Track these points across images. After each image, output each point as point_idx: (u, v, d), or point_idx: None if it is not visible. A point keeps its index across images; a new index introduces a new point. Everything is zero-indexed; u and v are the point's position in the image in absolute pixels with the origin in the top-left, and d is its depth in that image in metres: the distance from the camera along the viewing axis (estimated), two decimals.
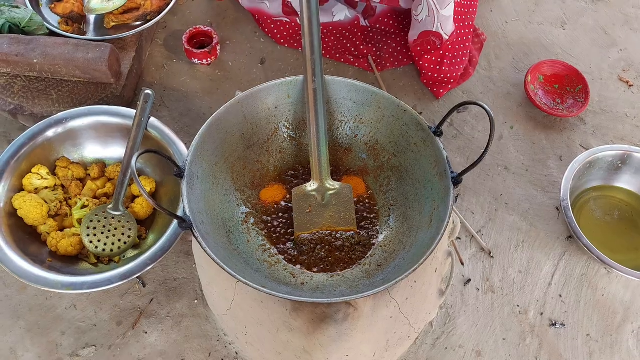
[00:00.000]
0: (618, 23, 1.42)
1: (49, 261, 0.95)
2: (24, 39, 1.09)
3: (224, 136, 0.76)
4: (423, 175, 0.75)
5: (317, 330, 0.71)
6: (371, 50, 1.28)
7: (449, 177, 0.70)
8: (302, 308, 0.73)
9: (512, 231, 1.09)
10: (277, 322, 0.77)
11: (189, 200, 0.67)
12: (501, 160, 1.18)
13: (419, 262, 0.64)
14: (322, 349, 0.72)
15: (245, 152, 0.79)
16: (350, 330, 0.71)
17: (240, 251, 0.73)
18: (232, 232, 0.74)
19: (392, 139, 0.79)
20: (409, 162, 0.77)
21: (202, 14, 1.34)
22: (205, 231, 0.67)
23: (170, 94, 1.21)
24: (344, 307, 0.71)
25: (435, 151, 0.73)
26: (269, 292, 0.62)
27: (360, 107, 0.79)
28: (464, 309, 1.01)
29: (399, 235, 0.76)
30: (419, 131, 0.75)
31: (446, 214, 0.67)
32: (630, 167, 1.10)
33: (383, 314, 0.77)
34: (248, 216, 0.78)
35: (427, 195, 0.74)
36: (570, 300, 1.03)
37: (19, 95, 1.10)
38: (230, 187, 0.77)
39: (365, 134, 0.82)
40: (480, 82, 1.29)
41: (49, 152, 1.03)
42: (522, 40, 1.36)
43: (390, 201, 0.80)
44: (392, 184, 0.80)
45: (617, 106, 1.27)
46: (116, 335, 0.95)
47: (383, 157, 0.81)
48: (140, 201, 1.01)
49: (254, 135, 0.80)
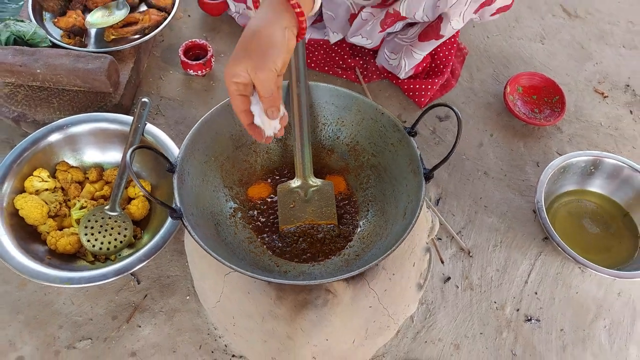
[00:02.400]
0: (594, 38, 1.49)
1: (48, 259, 0.99)
2: (27, 50, 1.15)
3: (214, 136, 0.82)
4: (399, 172, 0.81)
5: (298, 315, 0.76)
6: (358, 63, 1.35)
7: (421, 173, 0.75)
8: (286, 296, 0.78)
9: (491, 232, 1.15)
10: (262, 312, 0.81)
11: (180, 194, 0.73)
12: (481, 165, 1.24)
13: (391, 249, 0.69)
14: (303, 333, 0.77)
15: (234, 152, 0.85)
16: (330, 315, 0.76)
17: (227, 242, 0.78)
18: (220, 224, 0.80)
19: (371, 140, 0.85)
20: (387, 160, 0.83)
21: (197, 29, 1.41)
22: (194, 222, 0.73)
23: (166, 103, 1.27)
24: (323, 293, 0.76)
25: (410, 150, 0.79)
26: (252, 275, 0.67)
27: (341, 110, 0.85)
28: (443, 305, 1.06)
29: (376, 228, 0.81)
30: (395, 132, 0.81)
31: (418, 206, 0.72)
32: (602, 172, 1.16)
33: (363, 303, 0.82)
34: (236, 211, 0.83)
35: (403, 191, 0.79)
36: (545, 297, 1.08)
37: (22, 103, 1.16)
38: (220, 183, 0.83)
39: (346, 135, 0.87)
40: (462, 92, 1.35)
41: (49, 156, 1.08)
42: (503, 54, 1.43)
43: (369, 197, 0.85)
44: (372, 182, 0.86)
45: (592, 116, 1.34)
46: (111, 329, 0.99)
47: (363, 156, 0.87)
48: (136, 202, 1.06)
49: (242, 136, 0.85)
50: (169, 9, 1.31)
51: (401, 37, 1.29)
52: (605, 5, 1.58)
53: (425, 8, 1.17)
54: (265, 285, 0.80)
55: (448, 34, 1.21)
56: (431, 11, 1.19)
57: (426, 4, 1.17)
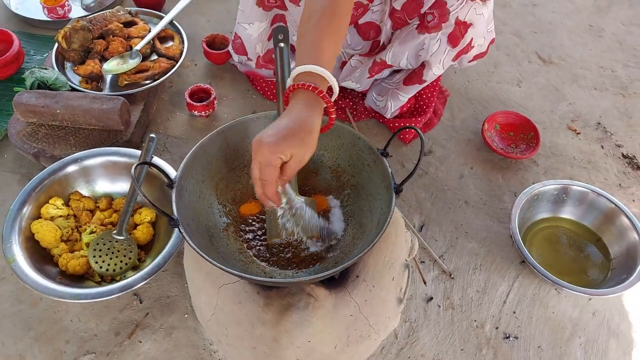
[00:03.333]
0: (567, 81, 1.62)
1: (59, 279, 1.08)
2: (50, 93, 1.29)
3: (210, 159, 0.92)
4: (374, 189, 0.90)
5: (283, 318, 0.84)
6: (348, 104, 1.47)
7: (392, 188, 0.85)
8: (272, 302, 0.86)
9: (471, 256, 1.22)
10: (252, 319, 0.89)
11: (177, 207, 0.82)
12: (462, 195, 1.33)
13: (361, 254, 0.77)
14: (287, 334, 0.84)
15: (228, 173, 0.96)
16: (311, 317, 0.83)
17: (220, 251, 0.87)
18: (214, 236, 0.89)
19: (350, 162, 0.95)
20: (364, 179, 0.93)
21: (203, 76, 1.55)
22: (190, 232, 0.82)
23: (172, 141, 1.39)
24: (305, 297, 0.84)
25: (383, 169, 0.88)
26: (240, 274, 0.76)
27: (323, 136, 0.96)
28: (426, 323, 1.12)
29: (354, 239, 0.90)
30: (370, 154, 0.91)
31: (388, 216, 0.81)
32: (573, 199, 1.25)
33: (344, 311, 0.90)
34: (229, 225, 0.93)
35: (377, 205, 0.88)
36: (523, 316, 1.14)
37: (42, 140, 1.28)
38: (214, 201, 0.93)
39: (328, 159, 0.98)
40: (444, 130, 1.46)
41: (64, 187, 1.19)
42: (482, 96, 1.55)
43: (349, 213, 0.95)
44: (351, 199, 0.95)
45: (566, 151, 1.44)
46: (114, 344, 1.06)
47: (344, 177, 0.97)
48: (142, 228, 1.16)
49: (236, 159, 0.96)
50: (177, 57, 1.46)
51: (388, 81, 1.42)
52: (577, 52, 1.71)
53: (408, 57, 1.31)
54: (254, 294, 0.88)
55: (430, 79, 1.34)
56: (414, 59, 1.32)
57: (409, 53, 1.31)
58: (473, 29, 1.26)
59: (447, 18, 1.24)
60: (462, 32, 1.25)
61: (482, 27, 1.29)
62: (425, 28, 1.27)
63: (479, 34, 1.29)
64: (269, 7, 1.30)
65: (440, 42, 1.26)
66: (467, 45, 1.29)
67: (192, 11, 1.71)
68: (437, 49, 1.27)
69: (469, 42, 1.28)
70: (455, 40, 1.26)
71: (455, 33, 1.25)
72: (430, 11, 1.25)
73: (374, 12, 1.31)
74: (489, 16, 1.30)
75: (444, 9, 1.23)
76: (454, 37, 1.26)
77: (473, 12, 1.24)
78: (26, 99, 1.26)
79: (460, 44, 1.27)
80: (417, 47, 1.30)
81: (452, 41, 1.26)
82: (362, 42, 1.37)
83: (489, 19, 1.32)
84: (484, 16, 1.27)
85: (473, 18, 1.25)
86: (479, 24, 1.27)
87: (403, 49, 1.30)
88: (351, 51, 1.41)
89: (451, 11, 1.23)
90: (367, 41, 1.37)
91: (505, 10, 1.85)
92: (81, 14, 1.67)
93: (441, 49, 1.27)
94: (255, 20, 1.32)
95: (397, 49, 1.31)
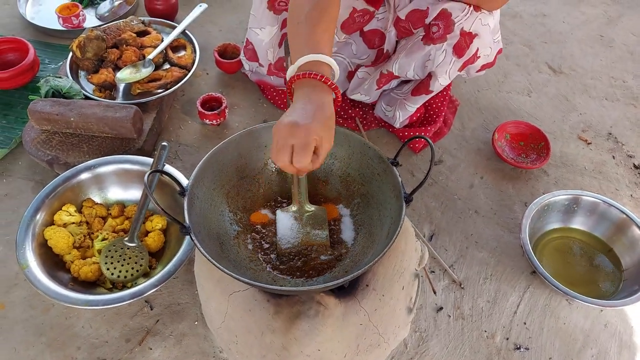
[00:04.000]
0: (578, 92, 1.62)
1: (71, 285, 1.09)
2: (64, 101, 1.31)
3: (221, 167, 0.93)
4: (384, 198, 0.90)
5: (293, 326, 0.84)
6: (358, 113, 1.48)
7: (402, 198, 0.85)
8: (282, 310, 0.87)
9: (481, 266, 1.22)
10: (262, 326, 0.89)
11: (189, 214, 0.83)
12: (472, 205, 1.33)
13: (371, 263, 0.78)
14: (297, 342, 0.84)
15: (239, 182, 0.96)
16: (321, 325, 0.84)
17: (230, 259, 0.87)
18: (224, 244, 0.89)
19: (360, 171, 0.96)
20: (374, 189, 0.93)
21: (214, 85, 1.57)
22: (201, 239, 0.83)
23: (183, 149, 1.40)
24: (315, 305, 0.84)
25: (393, 178, 0.89)
26: (250, 282, 0.76)
27: (334, 146, 0.96)
28: (436, 333, 1.12)
29: (364, 248, 0.90)
30: (380, 163, 0.92)
31: (398, 226, 0.82)
32: (584, 210, 1.24)
33: (353, 320, 0.90)
34: (239, 233, 0.93)
35: (387, 214, 0.89)
36: (534, 327, 1.13)
37: (56, 148, 1.30)
38: (225, 208, 0.94)
39: (338, 168, 0.98)
40: (454, 139, 1.46)
41: (78, 194, 1.21)
42: (492, 106, 1.56)
43: (359, 222, 0.95)
44: (361, 208, 0.96)
45: (576, 161, 1.43)
46: (124, 351, 1.07)
47: (353, 186, 0.97)
48: (153, 235, 1.17)
49: (247, 168, 0.97)
50: (190, 67, 1.48)
51: (396, 92, 1.43)
52: (588, 62, 1.71)
53: (415, 68, 1.33)
54: (264, 302, 0.88)
55: (436, 90, 1.35)
56: (421, 70, 1.33)
57: (416, 64, 1.32)
58: (479, 39, 1.27)
59: (452, 29, 1.25)
60: (467, 42, 1.26)
61: (488, 37, 1.29)
62: (431, 39, 1.28)
63: (485, 44, 1.30)
64: (279, 10, 1.32)
65: (446, 52, 1.27)
66: (473, 56, 1.29)
67: (204, 21, 1.74)
68: (443, 60, 1.28)
69: (474, 52, 1.29)
70: (460, 51, 1.27)
71: (460, 44, 1.26)
72: (435, 22, 1.27)
73: (379, 19, 1.33)
74: (495, 26, 1.31)
75: (449, 20, 1.24)
76: (459, 48, 1.26)
77: (479, 22, 1.25)
78: (41, 106, 1.28)
79: (466, 54, 1.28)
80: (423, 58, 1.31)
81: (458, 52, 1.27)
82: (368, 51, 1.39)
83: (495, 29, 1.32)
84: (489, 26, 1.28)
85: (478, 28, 1.26)
86: (484, 34, 1.27)
87: (409, 60, 1.32)
88: (357, 60, 1.42)
89: (456, 22, 1.24)
90: (373, 50, 1.39)
91: (515, 21, 1.85)
92: (95, 23, 1.70)
93: (447, 59, 1.28)
94: (266, 25, 1.34)
95: (403, 60, 1.33)
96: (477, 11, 1.24)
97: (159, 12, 1.67)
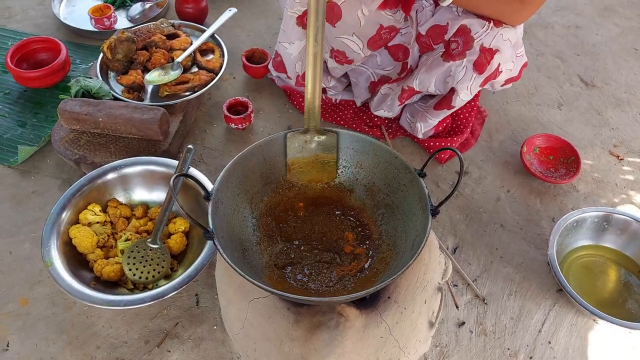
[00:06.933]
0: (610, 106, 1.58)
1: (93, 284, 1.10)
2: (93, 102, 1.32)
3: (246, 173, 0.93)
4: (409, 209, 0.89)
5: (313, 336, 0.83)
6: (383, 121, 1.47)
7: (429, 210, 0.84)
8: (302, 319, 0.86)
9: (506, 282, 1.19)
10: (281, 335, 0.88)
11: (213, 219, 0.83)
12: (497, 219, 1.30)
13: (395, 275, 0.76)
14: (316, 353, 0.83)
15: (263, 187, 0.96)
16: (341, 337, 0.82)
17: (252, 265, 0.87)
18: (247, 250, 0.89)
19: (385, 181, 0.94)
20: (399, 199, 0.92)
21: (241, 89, 1.57)
22: (224, 244, 0.82)
23: (208, 152, 1.41)
24: (336, 316, 0.83)
25: (420, 190, 0.87)
26: (271, 290, 0.75)
27: (360, 154, 0.96)
28: (457, 349, 1.09)
29: (387, 260, 0.89)
30: (407, 174, 0.90)
31: (423, 239, 0.80)
32: (615, 228, 1.21)
33: (374, 332, 0.88)
34: (262, 240, 0.93)
35: (412, 226, 0.87)
36: (559, 347, 1.10)
37: (84, 147, 1.32)
38: (249, 214, 0.93)
39: (364, 177, 0.97)
40: (481, 151, 1.44)
41: (103, 193, 1.22)
42: (521, 118, 1.53)
43: (383, 233, 0.94)
44: (385, 219, 0.94)
45: (607, 177, 1.40)
46: (143, 352, 1.07)
47: (378, 196, 0.96)
48: (175, 237, 1.17)
49: (271, 174, 0.96)
50: (217, 71, 1.48)
51: (420, 104, 1.42)
52: (622, 76, 1.67)
53: (436, 83, 1.32)
54: (284, 310, 0.88)
55: (458, 105, 1.33)
56: (442, 86, 1.33)
57: (436, 79, 1.32)
58: (500, 55, 1.25)
59: (471, 45, 1.24)
60: (487, 58, 1.24)
61: (510, 52, 1.27)
62: (450, 56, 1.28)
63: (507, 59, 1.27)
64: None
65: (466, 69, 1.26)
66: (494, 71, 1.27)
67: (232, 25, 1.75)
68: (464, 76, 1.27)
69: (496, 67, 1.27)
70: (481, 67, 1.25)
71: (480, 60, 1.24)
72: (454, 39, 1.26)
73: (402, 34, 1.33)
74: (517, 41, 1.29)
75: (468, 36, 1.23)
76: (479, 64, 1.25)
77: (499, 38, 1.23)
78: (70, 106, 1.29)
79: (486, 70, 1.26)
80: (444, 74, 1.30)
81: (478, 68, 1.25)
82: (394, 63, 1.39)
83: (517, 44, 1.30)
84: (510, 41, 1.26)
85: (499, 44, 1.24)
86: (505, 49, 1.25)
87: (429, 76, 1.32)
88: (382, 72, 1.41)
89: (475, 38, 1.23)
90: (398, 62, 1.39)
91: (547, 32, 1.82)
92: (126, 25, 1.72)
93: (467, 75, 1.26)
94: (295, 40, 1.34)
95: (423, 75, 1.32)
96: (497, 26, 1.22)
97: (188, 16, 1.68)
